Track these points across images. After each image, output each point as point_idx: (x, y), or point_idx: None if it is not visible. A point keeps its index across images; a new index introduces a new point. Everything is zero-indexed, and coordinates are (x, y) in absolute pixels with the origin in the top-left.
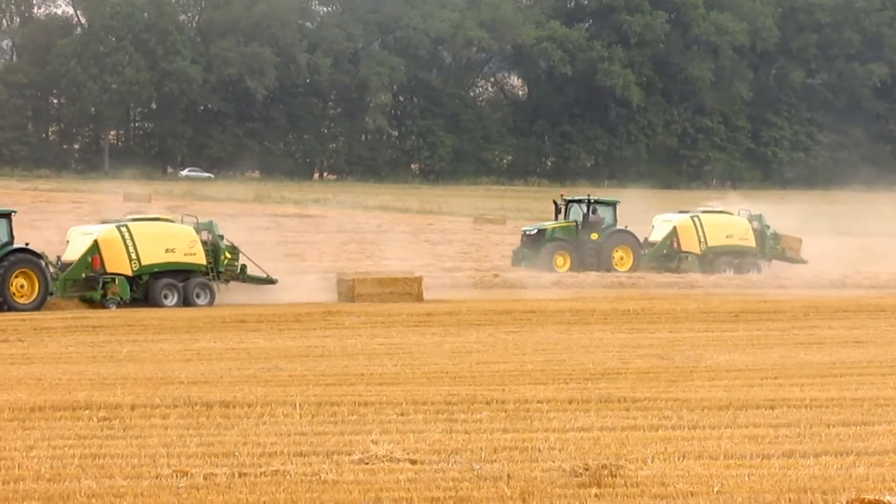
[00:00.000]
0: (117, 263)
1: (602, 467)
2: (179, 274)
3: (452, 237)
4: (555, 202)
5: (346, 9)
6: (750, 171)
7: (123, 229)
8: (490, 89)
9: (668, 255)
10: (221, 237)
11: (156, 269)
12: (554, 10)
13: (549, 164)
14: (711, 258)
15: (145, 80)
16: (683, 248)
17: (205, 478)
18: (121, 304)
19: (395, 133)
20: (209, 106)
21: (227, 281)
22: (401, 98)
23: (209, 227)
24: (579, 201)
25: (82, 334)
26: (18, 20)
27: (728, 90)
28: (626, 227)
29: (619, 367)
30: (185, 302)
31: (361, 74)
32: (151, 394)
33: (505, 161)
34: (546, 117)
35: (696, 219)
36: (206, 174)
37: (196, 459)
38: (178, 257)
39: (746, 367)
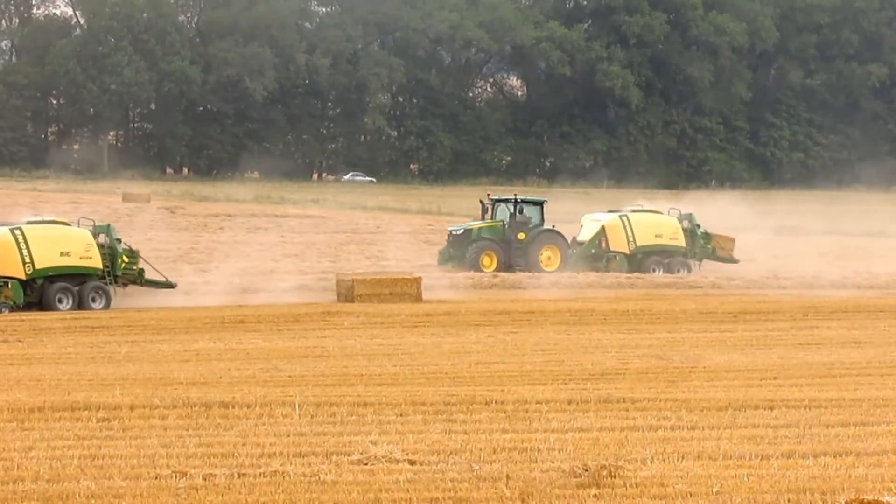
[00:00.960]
0: (10, 267)
1: (601, 468)
2: (75, 278)
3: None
4: (481, 202)
5: (345, 9)
6: (749, 171)
7: (17, 232)
8: (489, 90)
9: (597, 255)
10: (119, 241)
11: (50, 273)
12: (553, 10)
13: (549, 164)
14: (640, 258)
15: (144, 81)
16: (612, 248)
17: (204, 478)
18: (14, 308)
19: (395, 133)
20: (208, 106)
21: (124, 285)
22: (400, 98)
23: (106, 230)
24: (506, 201)
25: (81, 335)
26: (17, 21)
27: (727, 91)
28: (553, 226)
29: (618, 367)
30: (80, 305)
31: (360, 75)
32: (150, 394)
33: (504, 161)
34: (545, 118)
35: (624, 218)
36: (368, 178)
37: (195, 460)
38: (73, 261)
39: (745, 368)
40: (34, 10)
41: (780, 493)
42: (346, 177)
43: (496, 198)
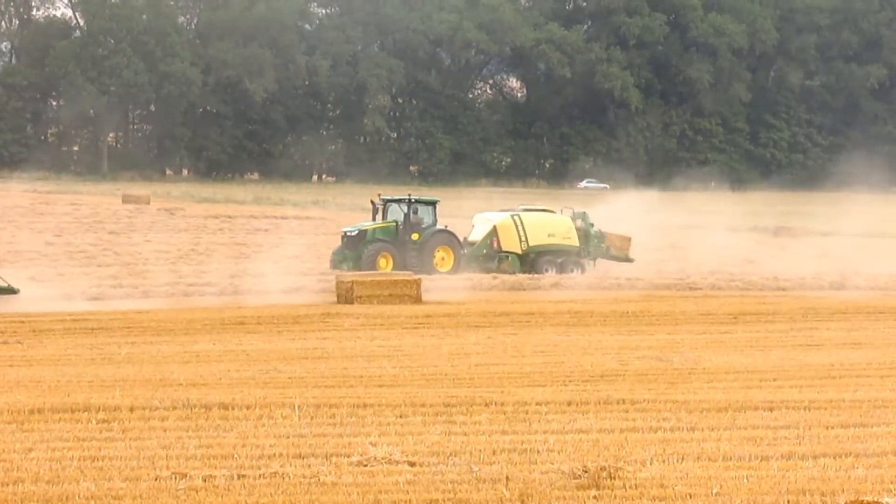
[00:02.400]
0: None
1: (601, 469)
2: None
3: None
4: (372, 202)
5: (344, 11)
6: (748, 172)
7: None
8: (489, 91)
9: (489, 255)
10: None
11: None
12: (553, 11)
13: (548, 165)
14: (533, 258)
15: (144, 83)
16: (504, 248)
17: (204, 480)
18: None
19: (394, 135)
20: (208, 108)
21: None
22: (399, 100)
23: None
24: (398, 201)
25: (81, 336)
26: (17, 22)
27: (726, 92)
28: (446, 226)
29: (618, 368)
30: None
31: (360, 76)
32: (150, 396)
33: (504, 163)
34: (545, 119)
35: (516, 218)
36: (602, 185)
37: (195, 461)
38: None
39: (745, 369)
40: (34, 12)
41: (779, 495)
42: (581, 184)
43: (388, 198)
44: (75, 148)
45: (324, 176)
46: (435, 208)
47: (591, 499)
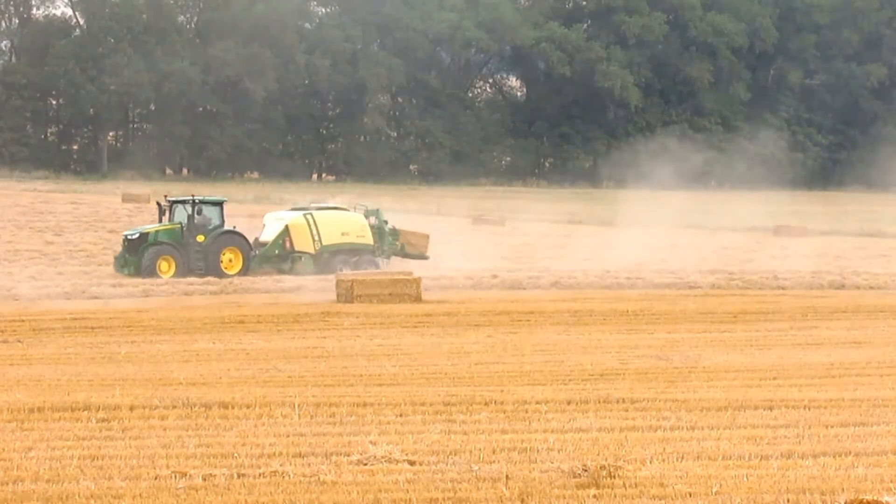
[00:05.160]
0: None
1: (601, 468)
2: None
3: (451, 238)
4: (158, 203)
5: (344, 10)
6: (748, 171)
7: None
8: (489, 90)
9: (281, 256)
10: None
11: None
12: (552, 10)
13: (548, 165)
14: (327, 257)
15: (144, 82)
16: (297, 248)
17: (203, 479)
18: None
19: (394, 134)
20: (208, 107)
21: None
22: (399, 99)
23: None
24: (184, 202)
25: (81, 335)
26: (17, 21)
27: (726, 91)
28: (234, 227)
29: (618, 367)
30: None
31: (360, 75)
32: (150, 395)
33: (503, 162)
34: (544, 118)
35: (309, 217)
36: None
37: (195, 460)
38: None
39: (745, 368)
40: (34, 11)
41: (779, 494)
42: None
43: (173, 199)
44: (75, 147)
45: (324, 175)
46: (222, 208)
47: (591, 498)
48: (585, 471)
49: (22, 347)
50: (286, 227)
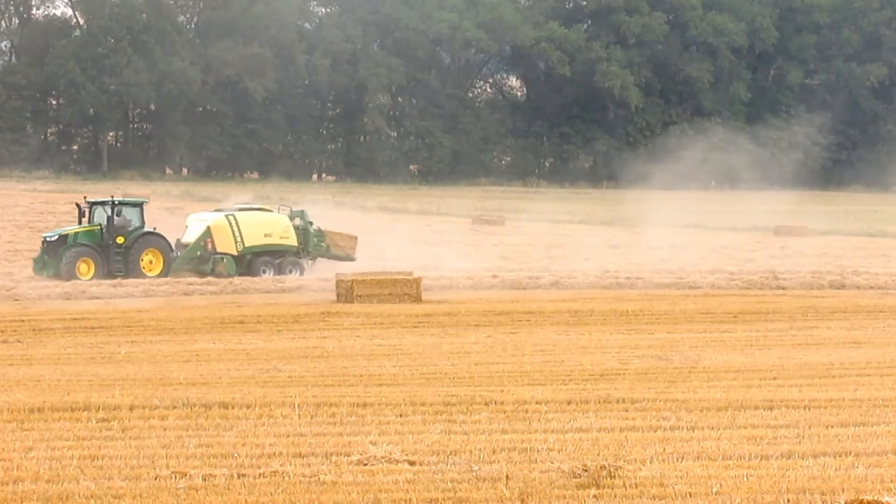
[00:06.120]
0: None
1: (601, 468)
2: None
3: (451, 238)
4: (77, 205)
5: (344, 10)
6: (748, 171)
7: None
8: (489, 90)
9: (203, 258)
10: None
11: None
12: (552, 10)
13: (548, 164)
14: (249, 259)
15: (144, 82)
16: (218, 250)
17: (203, 479)
18: None
19: (394, 134)
20: (208, 107)
21: None
22: (399, 99)
23: None
24: (103, 203)
25: (81, 335)
26: (17, 21)
27: (726, 91)
28: (154, 228)
29: (618, 367)
30: None
31: (360, 75)
32: (150, 395)
33: (503, 162)
34: (545, 118)
35: (231, 218)
36: None
37: (195, 460)
38: None
39: (745, 368)
40: (34, 11)
41: (779, 494)
42: None
43: (93, 200)
44: (75, 147)
45: (324, 175)
46: (142, 210)
47: (591, 498)
48: (585, 471)
49: (22, 347)
50: (208, 228)
